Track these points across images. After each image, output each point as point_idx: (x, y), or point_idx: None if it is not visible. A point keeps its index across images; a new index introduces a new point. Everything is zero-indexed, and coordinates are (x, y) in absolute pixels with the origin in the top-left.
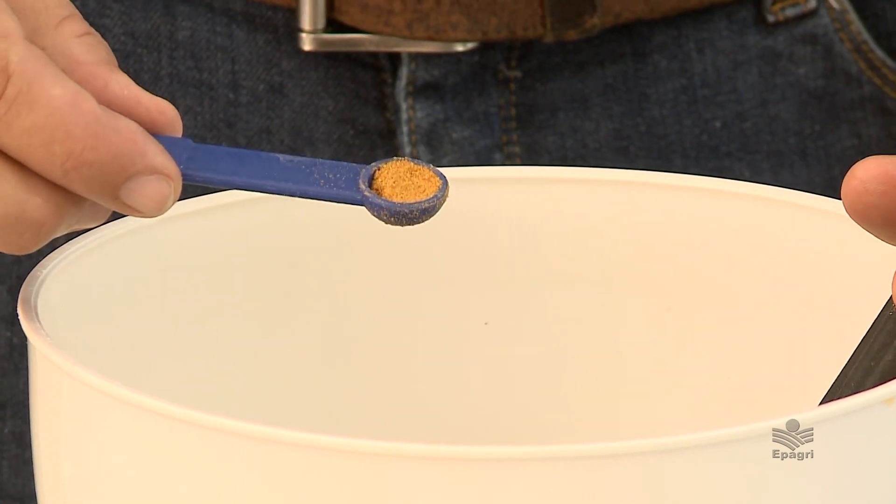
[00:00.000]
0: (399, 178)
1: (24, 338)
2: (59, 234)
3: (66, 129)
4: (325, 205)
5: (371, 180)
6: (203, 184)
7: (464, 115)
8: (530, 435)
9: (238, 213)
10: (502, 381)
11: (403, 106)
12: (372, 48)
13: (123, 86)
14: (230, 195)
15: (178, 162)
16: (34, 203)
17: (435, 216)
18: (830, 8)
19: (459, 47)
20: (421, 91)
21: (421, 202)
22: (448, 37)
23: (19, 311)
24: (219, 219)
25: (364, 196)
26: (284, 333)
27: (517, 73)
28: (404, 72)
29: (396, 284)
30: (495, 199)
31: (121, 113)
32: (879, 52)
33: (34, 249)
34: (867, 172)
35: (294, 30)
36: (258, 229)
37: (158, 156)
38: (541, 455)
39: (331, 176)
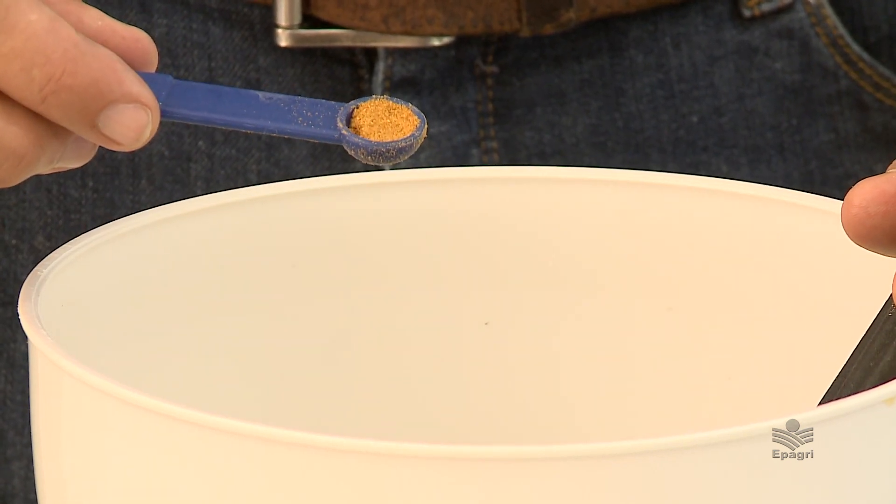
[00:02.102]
0: (377, 116)
1: (3, 337)
2: (41, 170)
3: (44, 53)
4: (324, 205)
5: (349, 119)
6: (181, 120)
7: (441, 111)
8: (530, 435)
9: (238, 213)
10: (502, 381)
11: None
12: (348, 43)
13: (97, 18)
14: (230, 195)
15: (157, 97)
16: (13, 132)
17: (435, 213)
18: (806, 3)
19: (436, 42)
20: (398, 86)
21: (398, 141)
22: (424, 31)
23: (19, 310)
24: (219, 219)
25: (342, 134)
26: (284, 333)
27: (494, 68)
28: (381, 67)
29: (396, 284)
30: (496, 200)
31: None
32: (855, 47)
33: (15, 182)
34: (864, 197)
35: (270, 26)
36: (258, 229)
37: (136, 84)
38: (541, 455)
39: (309, 114)
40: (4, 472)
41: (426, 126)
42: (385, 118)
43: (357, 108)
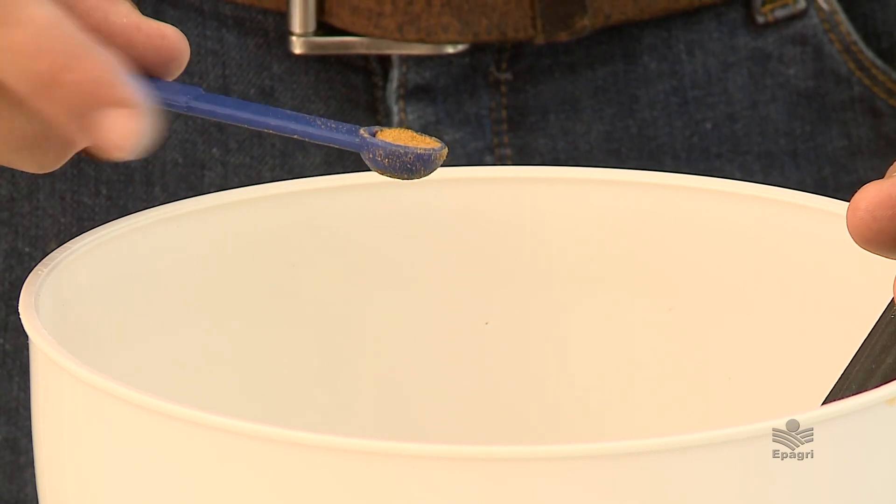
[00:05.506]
0: (399, 137)
1: (17, 344)
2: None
3: (45, 48)
4: (324, 205)
5: (372, 136)
6: (206, 116)
7: (455, 118)
8: (530, 435)
9: (238, 213)
10: (503, 381)
11: (395, 109)
12: (363, 51)
13: (123, 14)
14: (230, 195)
15: (184, 102)
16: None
17: (435, 213)
18: (820, 9)
19: (450, 49)
20: (412, 94)
21: (417, 147)
22: (439, 39)
23: (20, 310)
24: (219, 218)
25: (363, 138)
26: (284, 333)
27: (508, 76)
28: (395, 74)
29: (396, 284)
30: (496, 199)
31: (122, 43)
32: (869, 53)
33: (57, 167)
34: (870, 201)
35: (284, 33)
36: (258, 229)
37: (130, 91)
38: (541, 455)
39: (332, 125)
40: (17, 480)
41: (446, 149)
42: (408, 140)
43: (381, 130)
